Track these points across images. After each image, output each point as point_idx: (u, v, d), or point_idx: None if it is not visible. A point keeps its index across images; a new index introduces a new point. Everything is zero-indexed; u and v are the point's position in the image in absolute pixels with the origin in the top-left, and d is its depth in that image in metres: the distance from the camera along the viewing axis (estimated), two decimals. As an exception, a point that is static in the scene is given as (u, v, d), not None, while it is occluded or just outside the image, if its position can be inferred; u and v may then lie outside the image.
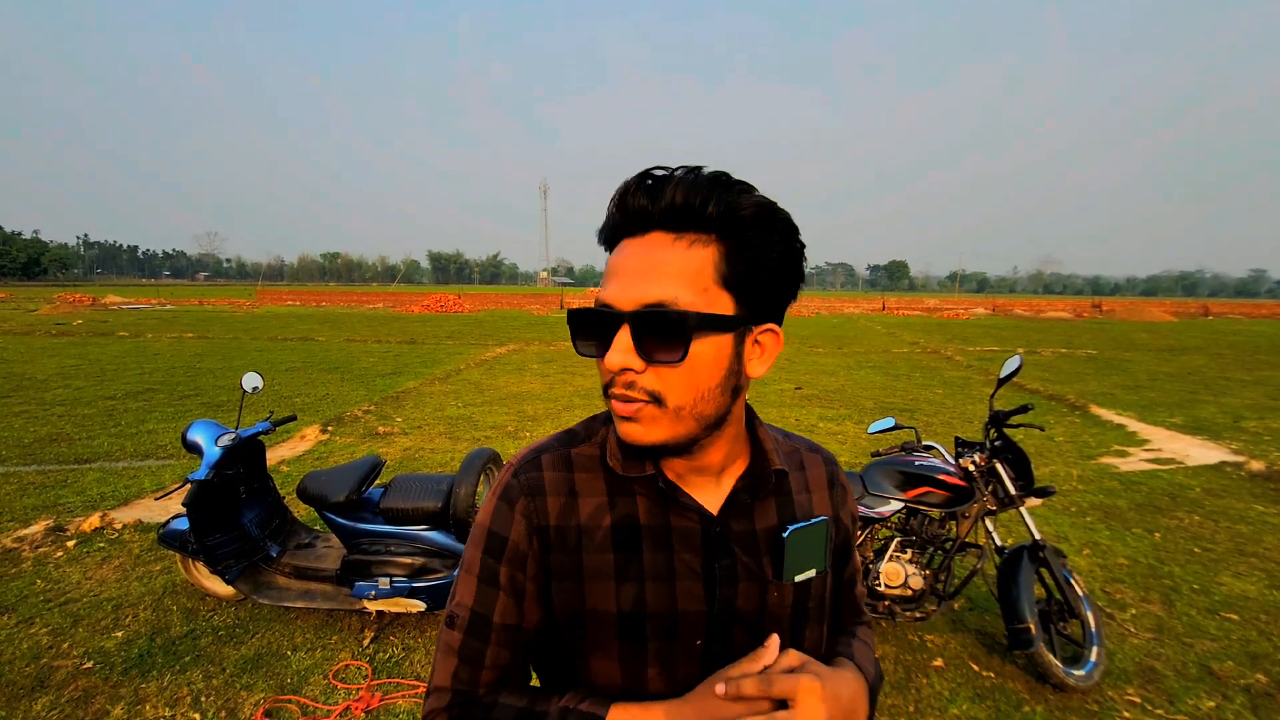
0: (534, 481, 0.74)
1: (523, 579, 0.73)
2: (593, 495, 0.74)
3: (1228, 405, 8.78)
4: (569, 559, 0.72)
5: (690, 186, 0.62)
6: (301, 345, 15.04)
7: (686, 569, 0.72)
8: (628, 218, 0.65)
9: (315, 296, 41.36)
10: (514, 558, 0.73)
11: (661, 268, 0.63)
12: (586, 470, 0.75)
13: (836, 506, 0.84)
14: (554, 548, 0.72)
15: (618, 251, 0.66)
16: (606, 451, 0.75)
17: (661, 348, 0.63)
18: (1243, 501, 4.96)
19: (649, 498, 0.73)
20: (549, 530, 0.72)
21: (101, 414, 7.38)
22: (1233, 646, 3.01)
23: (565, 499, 0.73)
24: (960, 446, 3.08)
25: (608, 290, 0.65)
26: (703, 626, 0.72)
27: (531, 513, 0.73)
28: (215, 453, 2.96)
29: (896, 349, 16.24)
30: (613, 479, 0.74)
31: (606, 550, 0.72)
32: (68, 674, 2.69)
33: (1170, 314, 35.58)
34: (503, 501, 0.74)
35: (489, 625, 0.73)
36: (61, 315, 23.19)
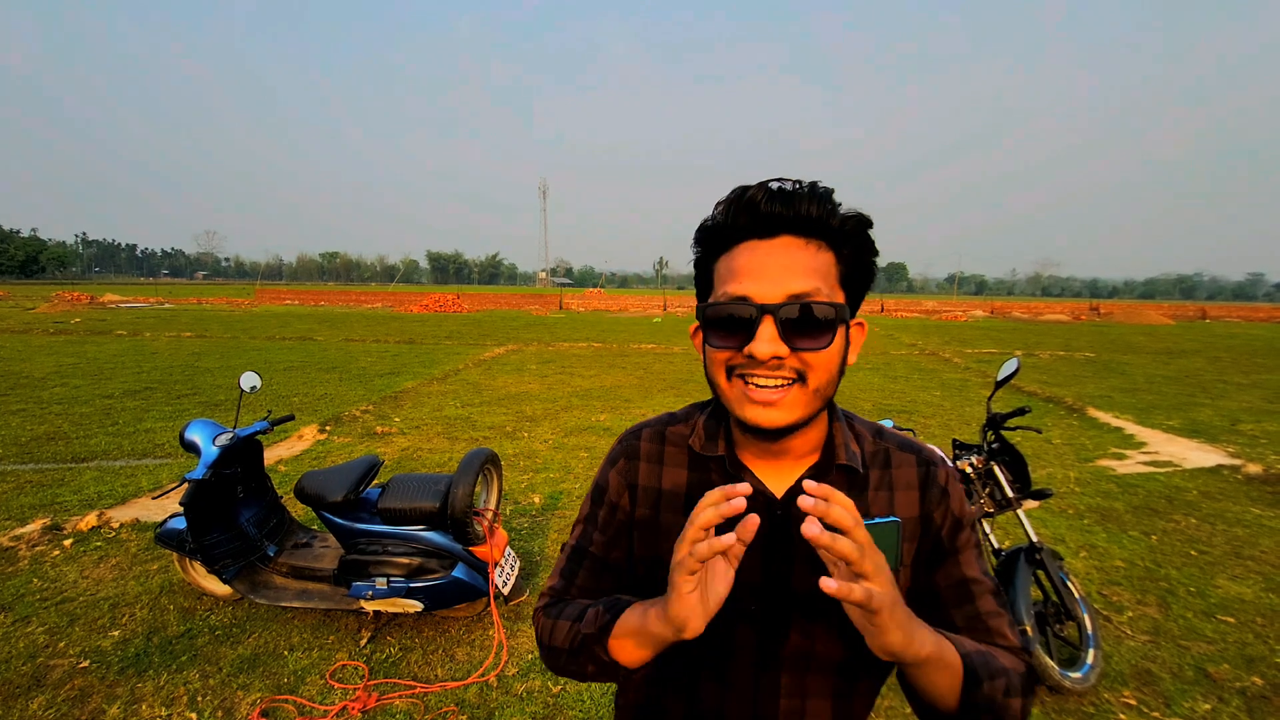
0: (632, 449, 0.90)
1: (613, 521, 0.89)
2: (676, 466, 0.87)
3: (1225, 408, 8.80)
4: (650, 514, 0.87)
5: (819, 199, 0.72)
6: (300, 345, 15.03)
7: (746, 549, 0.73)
8: (757, 222, 0.72)
9: (314, 296, 41.30)
10: (610, 504, 0.90)
11: (802, 266, 0.72)
12: (676, 445, 0.88)
13: (929, 507, 0.83)
14: (640, 503, 0.88)
15: (744, 252, 0.73)
16: (693, 432, 0.87)
17: (808, 334, 0.71)
18: (1239, 504, 4.97)
19: (720, 475, 0.83)
20: (638, 488, 0.88)
21: (99, 413, 7.37)
22: (1229, 649, 3.01)
23: (654, 466, 0.88)
24: (958, 448, 3.08)
25: (744, 286, 0.72)
26: (754, 595, 0.80)
27: (626, 472, 0.89)
28: (213, 452, 2.96)
29: (895, 351, 16.26)
30: (694, 456, 0.86)
31: (679, 512, 0.84)
32: (64, 673, 2.69)
33: (1168, 317, 35.64)
34: (608, 462, 0.92)
35: (584, 554, 0.91)
36: (59, 314, 23.15)
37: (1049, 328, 27.58)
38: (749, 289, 0.71)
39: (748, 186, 0.73)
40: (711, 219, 0.76)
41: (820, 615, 0.79)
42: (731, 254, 0.74)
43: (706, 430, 0.86)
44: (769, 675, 0.81)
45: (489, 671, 2.76)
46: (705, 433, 0.86)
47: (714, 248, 0.77)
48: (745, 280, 0.72)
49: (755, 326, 0.71)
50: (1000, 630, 0.81)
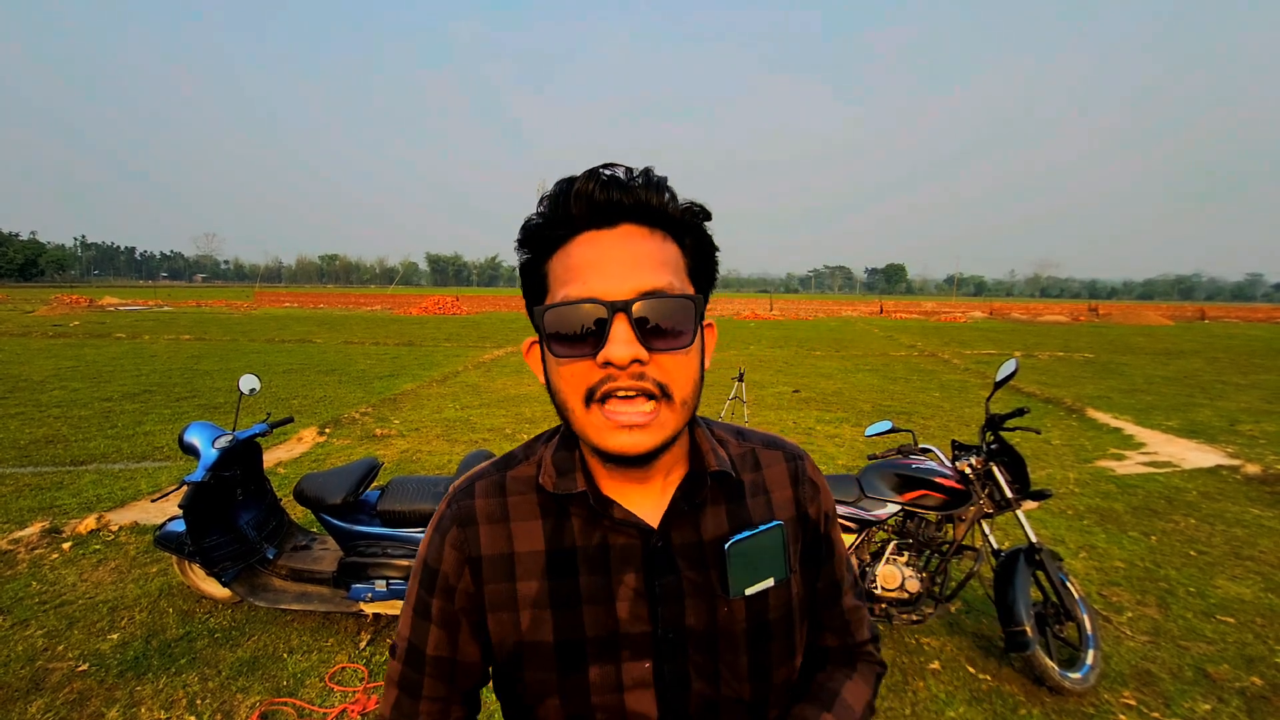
0: (465, 510, 0.72)
1: (453, 611, 0.71)
2: (525, 519, 0.71)
3: (1224, 409, 8.81)
4: (503, 587, 0.69)
5: (658, 187, 0.64)
6: (299, 347, 15.02)
7: (627, 589, 0.69)
8: (594, 212, 0.62)
9: (313, 298, 41.31)
10: (445, 589, 0.71)
11: (651, 257, 0.63)
12: (520, 493, 0.72)
13: (803, 504, 0.78)
14: (487, 578, 0.70)
15: (582, 245, 0.63)
16: (541, 470, 0.72)
17: (667, 334, 0.62)
18: (1238, 505, 4.97)
19: (583, 517, 0.70)
20: (480, 560, 0.70)
21: (98, 415, 7.37)
22: (1228, 649, 3.01)
23: (497, 526, 0.71)
24: (957, 449, 3.09)
25: (589, 283, 0.61)
26: (650, 647, 0.68)
27: (462, 543, 0.70)
28: (212, 455, 2.96)
29: (894, 352, 16.27)
30: (546, 500, 0.71)
31: (540, 577, 0.69)
32: (63, 676, 2.68)
33: (1167, 318, 35.68)
34: (436, 533, 0.73)
35: (423, 658, 0.72)
36: (58, 317, 23.13)
37: (1048, 329, 27.60)
38: (595, 287, 0.61)
39: (575, 177, 0.64)
40: (539, 214, 0.65)
41: (722, 655, 0.70)
42: (567, 249, 0.64)
43: (558, 465, 0.71)
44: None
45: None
46: (557, 468, 0.71)
47: (544, 247, 0.66)
48: (589, 276, 0.62)
49: (607, 328, 0.60)
50: (859, 625, 0.83)
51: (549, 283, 0.66)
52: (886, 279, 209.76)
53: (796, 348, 17.07)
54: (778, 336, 20.90)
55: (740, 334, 22.04)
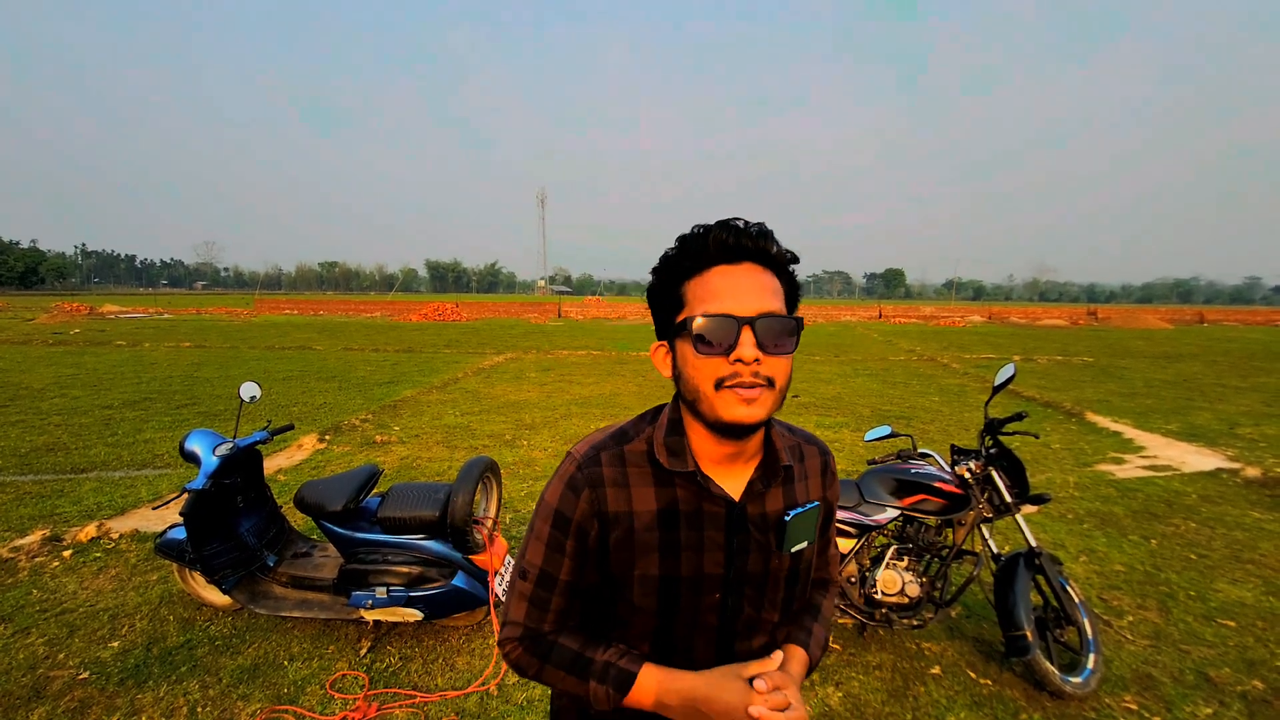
0: (595, 475, 0.94)
1: (583, 549, 0.95)
2: (642, 485, 0.94)
3: (1223, 412, 8.81)
4: (624, 535, 0.93)
5: (768, 236, 0.88)
6: (299, 354, 15.03)
7: (713, 543, 0.94)
8: (726, 251, 0.86)
9: (313, 305, 41.30)
10: (578, 532, 0.94)
11: (765, 287, 0.87)
12: (637, 465, 0.95)
13: (826, 489, 1.08)
14: (612, 527, 0.93)
15: (717, 275, 0.87)
16: (654, 448, 0.95)
17: (778, 343, 0.86)
18: (1238, 508, 4.98)
19: (686, 488, 0.93)
20: (608, 515, 0.93)
21: (98, 423, 7.37)
22: (1229, 653, 3.01)
23: (621, 490, 0.94)
24: (956, 454, 3.09)
25: (725, 303, 0.85)
26: (719, 585, 0.95)
27: (594, 500, 0.93)
28: (213, 462, 2.96)
29: (893, 356, 16.28)
30: (659, 472, 0.94)
31: (653, 529, 0.93)
32: (64, 684, 2.68)
33: (1166, 321, 35.70)
34: (569, 489, 0.95)
35: (554, 581, 0.96)
36: (59, 324, 23.14)
37: (1047, 333, 27.62)
38: (729, 306, 0.85)
39: (711, 225, 0.87)
40: (682, 249, 0.88)
41: (767, 591, 0.98)
42: (704, 278, 0.87)
43: (670, 447, 0.94)
44: (725, 646, 0.97)
45: (489, 680, 2.75)
46: (669, 449, 0.94)
47: (681, 274, 0.89)
48: (725, 298, 0.85)
49: (738, 336, 0.84)
50: (833, 564, 1.21)
51: (686, 300, 0.88)
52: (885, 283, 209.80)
53: (796, 352, 17.05)
54: (777, 341, 20.85)
55: (740, 339, 21.97)
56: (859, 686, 2.75)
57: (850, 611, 2.91)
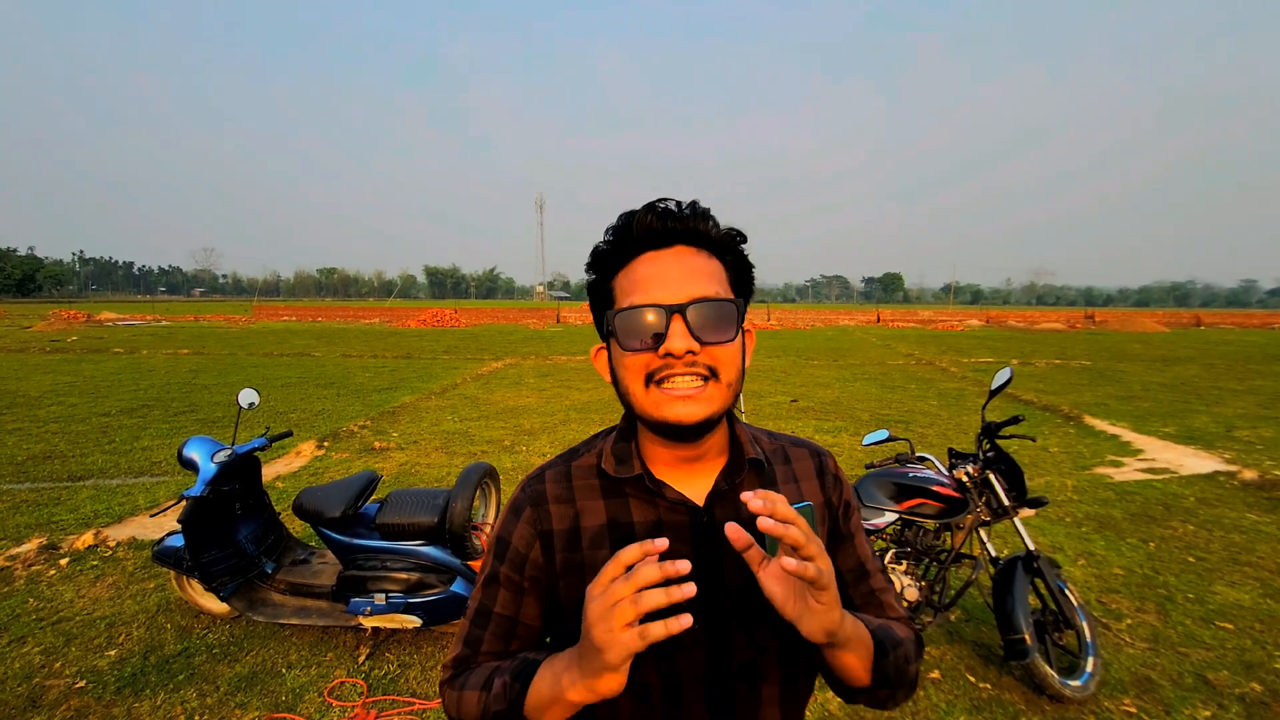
0: (537, 494, 0.86)
1: (518, 578, 0.84)
2: (590, 498, 0.85)
3: (1220, 415, 8.83)
4: (572, 556, 0.83)
5: (703, 215, 0.79)
6: (297, 361, 15.02)
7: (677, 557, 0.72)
8: (653, 235, 0.78)
9: (311, 312, 41.32)
10: (514, 558, 0.84)
11: (699, 270, 0.78)
12: (584, 478, 0.86)
13: (828, 493, 0.91)
14: (558, 549, 0.83)
15: (643, 263, 0.78)
16: (601, 459, 0.86)
17: (716, 330, 0.76)
18: (1236, 510, 4.99)
19: (639, 497, 0.83)
20: (552, 534, 0.83)
21: (96, 431, 7.36)
22: (1228, 655, 3.02)
23: (565, 506, 0.84)
24: (954, 458, 3.10)
25: (651, 293, 0.76)
26: (696, 608, 0.76)
27: (535, 520, 0.84)
28: (211, 469, 2.96)
29: (891, 361, 16.30)
30: (607, 483, 0.85)
31: (603, 545, 0.82)
32: (60, 693, 2.67)
33: (1163, 324, 35.80)
34: (510, 513, 0.87)
35: (489, 615, 0.85)
36: (56, 332, 23.11)
37: (1044, 336, 27.68)
38: (656, 295, 0.76)
39: (635, 210, 0.79)
40: (605, 241, 0.81)
41: (761, 612, 0.78)
42: (630, 267, 0.79)
43: (617, 454, 0.84)
44: (723, 694, 0.81)
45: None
46: (616, 456, 0.84)
47: (610, 266, 0.81)
48: (651, 287, 0.77)
49: (667, 326, 0.74)
50: (891, 604, 0.93)
51: (615, 295, 0.80)
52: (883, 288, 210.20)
53: (794, 357, 17.10)
54: (775, 346, 20.92)
55: (738, 344, 22.01)
56: (858, 691, 2.74)
57: (849, 616, 2.91)
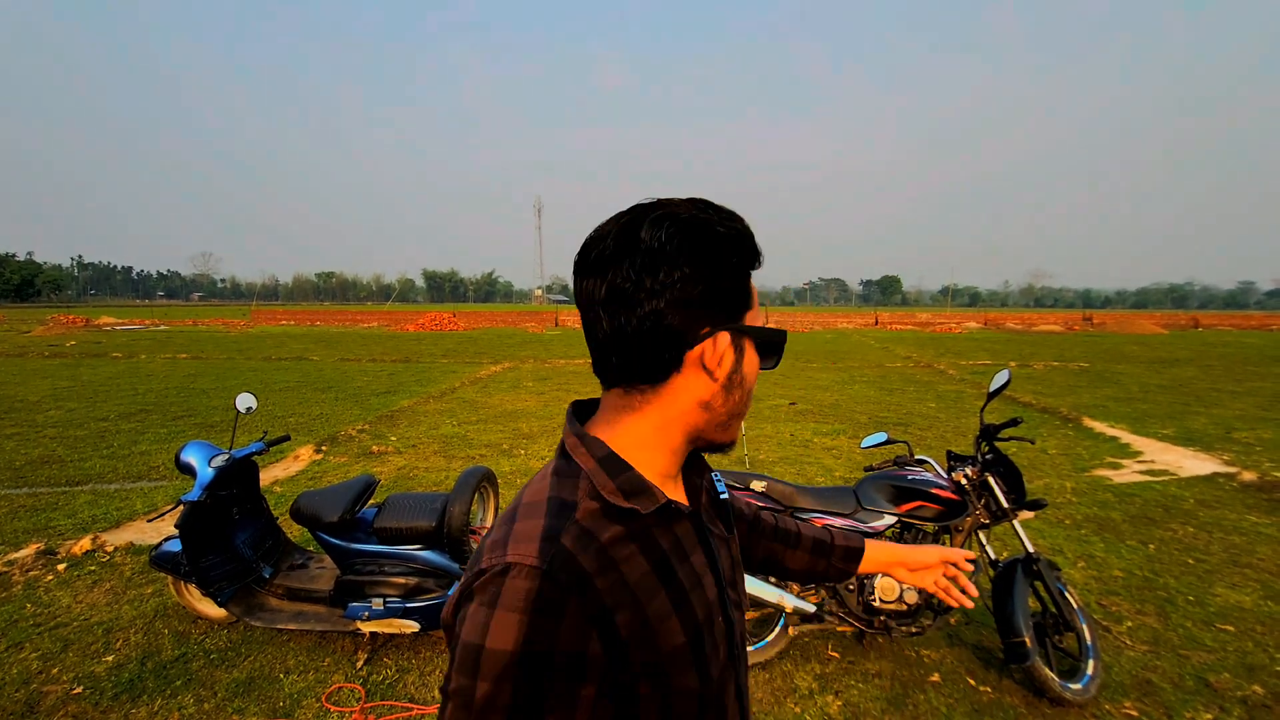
0: (576, 574, 0.65)
1: (578, 686, 0.64)
2: (625, 549, 0.69)
3: (1219, 416, 8.84)
4: (636, 620, 0.67)
5: None
6: (296, 365, 15.01)
7: (702, 566, 0.77)
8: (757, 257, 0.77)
9: (310, 316, 41.29)
10: (569, 668, 0.63)
11: None
12: (605, 530, 0.69)
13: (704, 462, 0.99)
14: (621, 624, 0.66)
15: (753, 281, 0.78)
16: (608, 500, 0.70)
17: None
18: (1236, 512, 4.98)
19: (656, 523, 0.73)
20: (612, 614, 0.65)
21: (94, 436, 7.34)
22: (1229, 658, 3.01)
23: (611, 573, 0.67)
24: (952, 460, 3.10)
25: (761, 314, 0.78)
26: (720, 606, 0.77)
27: (585, 607, 0.64)
28: (209, 474, 2.95)
29: (890, 363, 16.31)
30: (631, 526, 0.71)
31: (656, 592, 0.70)
32: (57, 699, 2.66)
33: (1160, 326, 35.86)
34: (541, 616, 0.62)
35: None
36: (54, 337, 23.09)
37: (1043, 338, 27.72)
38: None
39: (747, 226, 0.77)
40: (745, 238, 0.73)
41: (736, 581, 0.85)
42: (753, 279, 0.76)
43: (626, 488, 0.71)
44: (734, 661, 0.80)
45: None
46: (625, 490, 0.71)
47: (747, 265, 0.74)
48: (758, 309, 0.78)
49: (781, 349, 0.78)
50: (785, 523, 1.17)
51: (752, 300, 0.76)
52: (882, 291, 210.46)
53: (793, 360, 17.10)
54: (774, 349, 20.90)
55: (737, 347, 22.04)
56: (858, 695, 2.74)
57: (849, 619, 2.90)
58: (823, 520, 2.89)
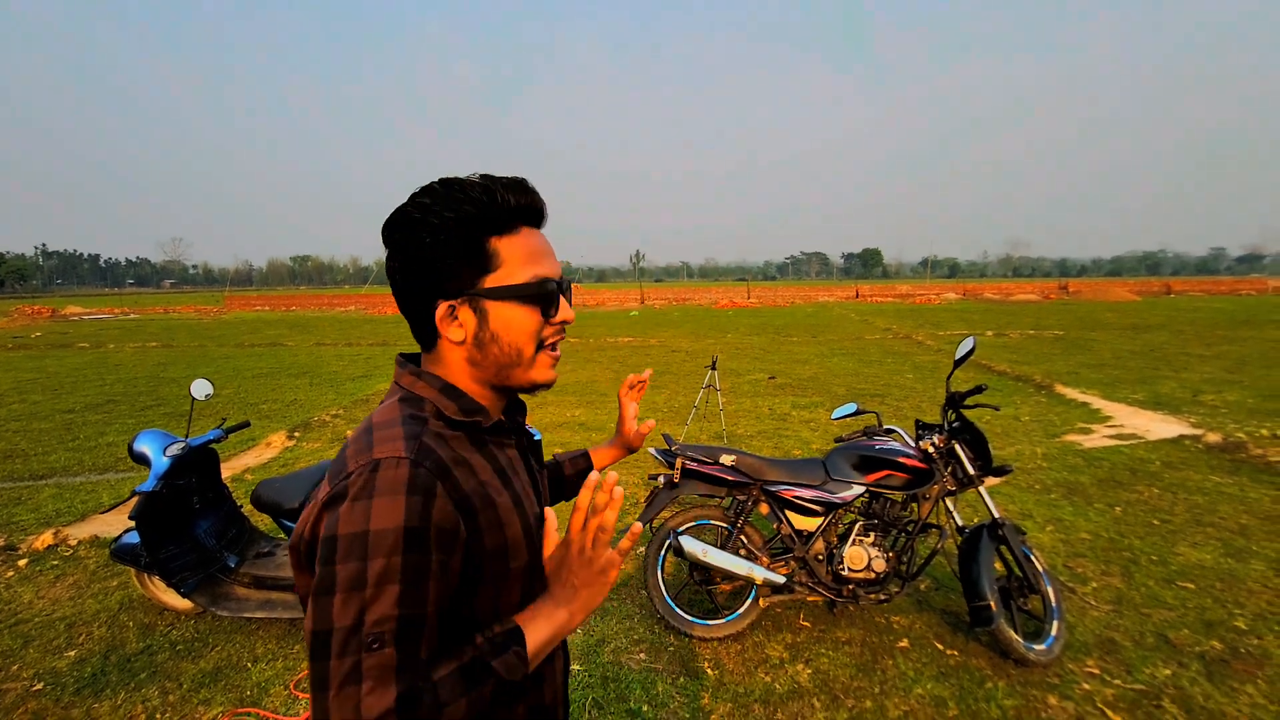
0: (438, 463, 0.78)
1: (451, 556, 0.76)
2: (471, 454, 0.84)
3: (1187, 380, 9.01)
4: (489, 513, 0.82)
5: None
6: (270, 351, 14.75)
7: (526, 485, 0.92)
8: (533, 214, 0.88)
9: (284, 301, 40.55)
10: (444, 542, 0.75)
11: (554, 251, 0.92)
12: (455, 437, 0.84)
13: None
14: (479, 509, 0.80)
15: (530, 237, 0.87)
16: (449, 417, 0.84)
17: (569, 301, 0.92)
18: (1200, 473, 5.09)
19: (493, 440, 0.89)
20: (469, 498, 0.79)
21: (59, 428, 7.17)
22: (1189, 615, 3.08)
23: (463, 467, 0.81)
24: (920, 429, 3.11)
25: (544, 266, 0.87)
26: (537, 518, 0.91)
27: (450, 491, 0.77)
28: (163, 463, 2.88)
29: (869, 335, 16.42)
30: (471, 436, 0.86)
31: (501, 491, 0.85)
32: (16, 697, 2.60)
33: (1134, 293, 36.45)
34: (414, 495, 0.73)
35: (422, 621, 0.72)
36: (19, 328, 22.47)
37: (1020, 308, 28.05)
38: (549, 269, 0.87)
39: (511, 179, 0.85)
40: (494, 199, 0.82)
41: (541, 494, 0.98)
42: (517, 237, 0.86)
43: (465, 408, 0.86)
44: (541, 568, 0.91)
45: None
46: (466, 410, 0.86)
47: (490, 226, 0.84)
48: (543, 262, 0.87)
49: (559, 298, 0.88)
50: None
51: (501, 260, 0.84)
52: (863, 264, 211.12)
53: (773, 334, 17.15)
54: (755, 324, 20.97)
55: (717, 322, 22.09)
56: (828, 663, 2.76)
57: (818, 589, 2.92)
58: (791, 492, 2.89)
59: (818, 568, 2.92)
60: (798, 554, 2.92)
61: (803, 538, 2.95)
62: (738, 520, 2.94)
